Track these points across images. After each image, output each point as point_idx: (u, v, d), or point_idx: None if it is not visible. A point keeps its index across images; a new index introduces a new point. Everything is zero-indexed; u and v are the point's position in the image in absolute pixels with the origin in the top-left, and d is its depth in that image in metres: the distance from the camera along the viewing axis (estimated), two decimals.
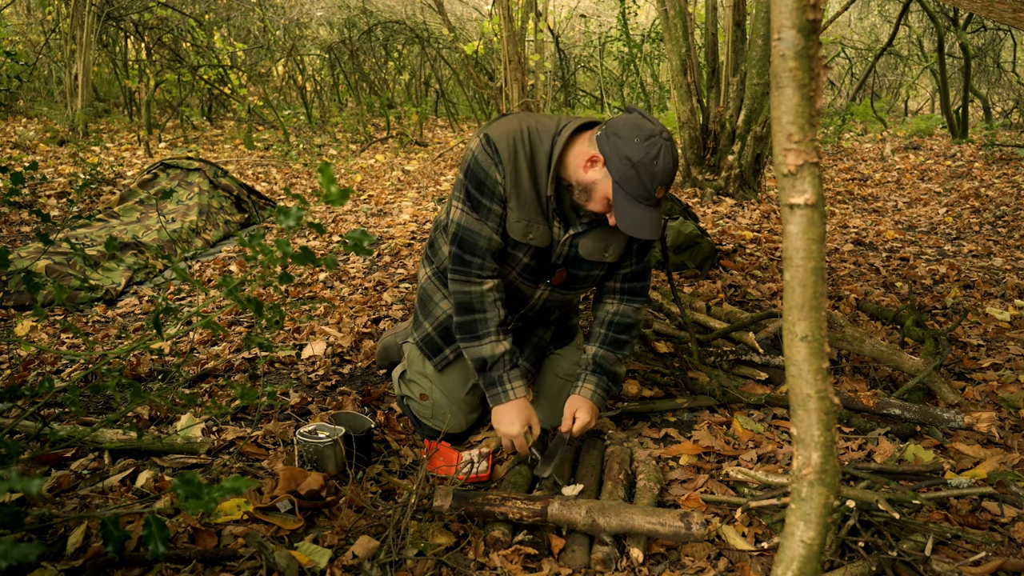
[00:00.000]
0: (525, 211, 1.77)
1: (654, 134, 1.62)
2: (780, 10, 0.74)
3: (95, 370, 1.39)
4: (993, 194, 5.60)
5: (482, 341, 1.81)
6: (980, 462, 1.87)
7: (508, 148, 1.72)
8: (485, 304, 1.81)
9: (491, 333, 1.81)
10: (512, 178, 1.73)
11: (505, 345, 1.82)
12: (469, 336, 1.83)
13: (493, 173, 1.72)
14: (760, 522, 1.64)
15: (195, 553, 1.44)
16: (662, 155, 1.61)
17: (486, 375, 1.82)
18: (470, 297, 1.81)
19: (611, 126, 1.67)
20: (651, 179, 1.61)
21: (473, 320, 1.82)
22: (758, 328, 2.48)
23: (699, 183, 5.36)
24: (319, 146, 7.65)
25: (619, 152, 1.63)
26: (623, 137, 1.63)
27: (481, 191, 1.75)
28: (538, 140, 1.74)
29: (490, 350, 1.81)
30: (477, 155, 1.74)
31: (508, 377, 1.81)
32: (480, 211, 1.76)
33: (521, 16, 6.56)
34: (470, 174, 1.76)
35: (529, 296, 1.95)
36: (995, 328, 2.85)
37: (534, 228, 1.79)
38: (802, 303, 0.82)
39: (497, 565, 1.50)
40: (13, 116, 8.83)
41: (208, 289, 3.15)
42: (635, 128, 1.63)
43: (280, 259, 1.12)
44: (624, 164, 1.62)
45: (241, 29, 9.82)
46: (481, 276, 1.81)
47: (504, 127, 1.75)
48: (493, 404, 1.82)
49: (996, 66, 10.11)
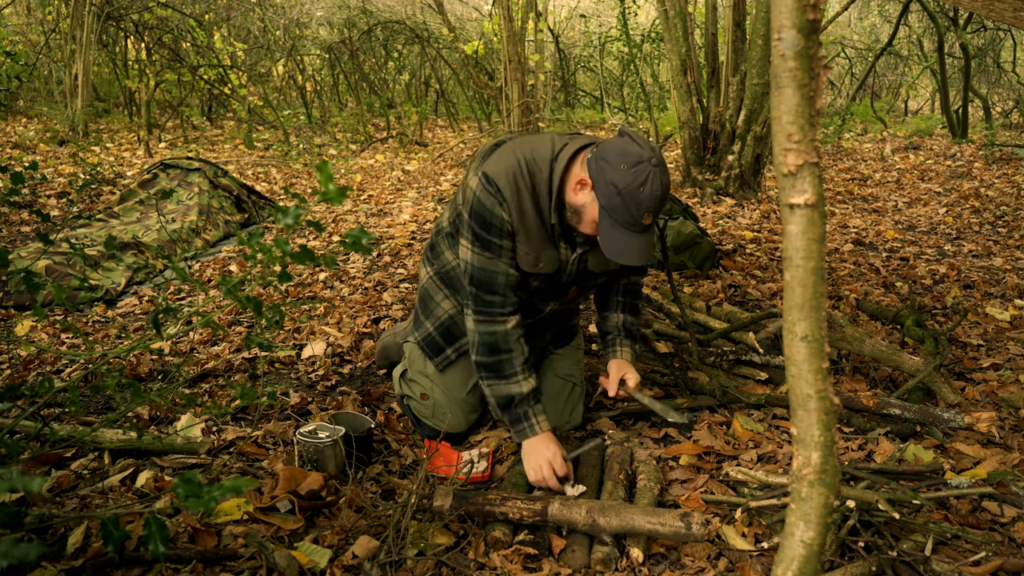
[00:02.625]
0: (533, 244, 1.76)
1: (642, 160, 1.59)
2: (780, 10, 0.74)
3: (95, 370, 1.39)
4: (993, 194, 5.60)
5: (509, 380, 1.81)
6: (980, 462, 1.87)
7: (510, 185, 1.70)
8: (511, 343, 1.81)
9: (518, 372, 1.81)
10: (518, 214, 1.72)
11: (532, 383, 1.82)
12: (495, 375, 1.82)
13: (499, 212, 1.71)
14: (760, 522, 1.64)
15: (195, 553, 1.44)
16: (649, 182, 1.58)
17: (512, 411, 1.81)
18: (495, 338, 1.80)
19: (600, 150, 1.65)
20: (637, 206, 1.59)
21: (500, 360, 1.81)
22: (758, 328, 2.48)
23: (699, 183, 5.36)
24: (319, 146, 7.65)
25: (606, 177, 1.61)
26: (610, 163, 1.61)
27: (489, 231, 1.74)
28: (537, 170, 1.73)
29: (518, 388, 1.80)
30: (479, 195, 1.72)
31: (533, 412, 1.81)
32: (492, 249, 1.75)
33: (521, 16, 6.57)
34: (475, 215, 1.74)
35: (540, 311, 1.97)
36: (995, 328, 2.85)
37: (543, 256, 1.79)
38: (802, 303, 0.82)
39: (497, 565, 1.50)
40: (13, 116, 8.83)
41: (208, 289, 3.15)
42: (623, 154, 1.60)
43: (279, 258, 1.12)
44: (610, 190, 1.60)
45: (241, 29, 9.82)
46: (504, 314, 1.80)
47: (502, 163, 1.72)
48: (519, 439, 1.81)
49: (996, 66, 10.11)
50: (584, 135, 1.81)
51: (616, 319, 1.99)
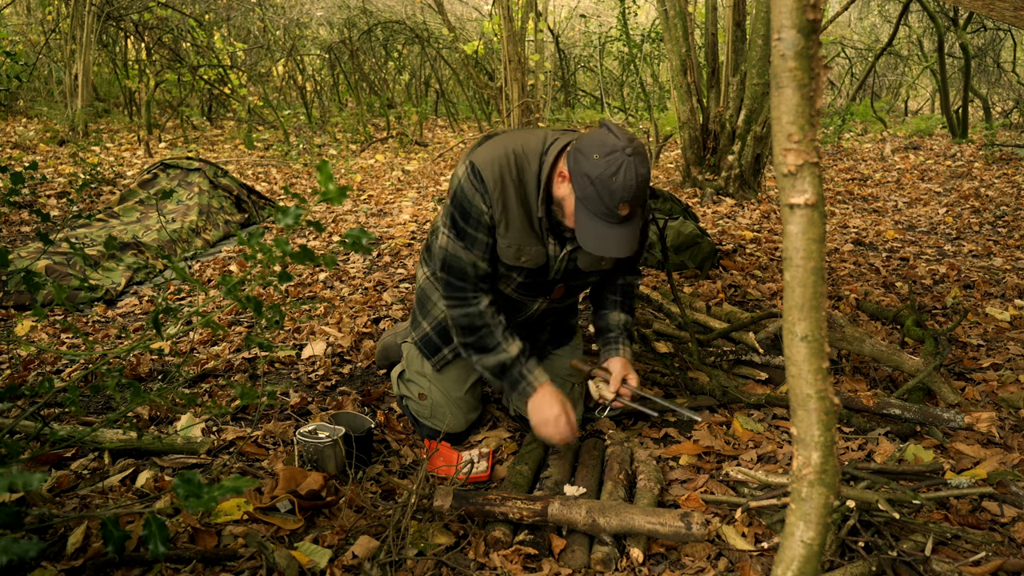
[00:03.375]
0: (516, 236, 1.76)
1: (615, 149, 1.57)
2: (780, 10, 0.74)
3: (95, 370, 1.39)
4: (993, 194, 5.60)
5: (495, 351, 1.82)
6: (980, 462, 1.87)
7: (494, 176, 1.70)
8: (486, 319, 1.82)
9: (500, 341, 1.82)
10: (500, 206, 1.72)
11: (517, 344, 1.83)
12: (480, 350, 1.83)
13: (478, 203, 1.72)
14: (760, 522, 1.64)
15: (195, 553, 1.44)
16: (623, 171, 1.57)
17: (507, 376, 1.82)
18: (470, 318, 1.82)
19: (578, 141, 1.65)
20: (610, 196, 1.58)
21: (480, 336, 1.82)
22: (758, 328, 2.48)
23: (699, 183, 5.36)
24: (319, 146, 7.65)
25: (580, 168, 1.61)
26: (584, 153, 1.60)
27: (467, 220, 1.74)
28: (525, 163, 1.73)
29: (506, 355, 1.81)
30: (463, 183, 1.73)
31: (528, 369, 1.82)
32: (466, 239, 1.76)
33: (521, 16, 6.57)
34: (456, 202, 1.75)
35: (528, 308, 1.96)
36: (995, 328, 2.85)
37: (526, 251, 1.79)
38: (802, 303, 0.82)
39: (497, 565, 1.50)
40: (13, 116, 8.83)
41: (208, 289, 3.15)
42: (598, 144, 1.60)
43: (279, 258, 1.12)
44: (584, 180, 1.60)
45: (241, 29, 9.82)
46: (475, 295, 1.81)
47: (490, 153, 1.72)
48: (522, 400, 1.82)
49: (996, 66, 10.11)
50: (579, 132, 1.81)
51: (617, 318, 2.00)
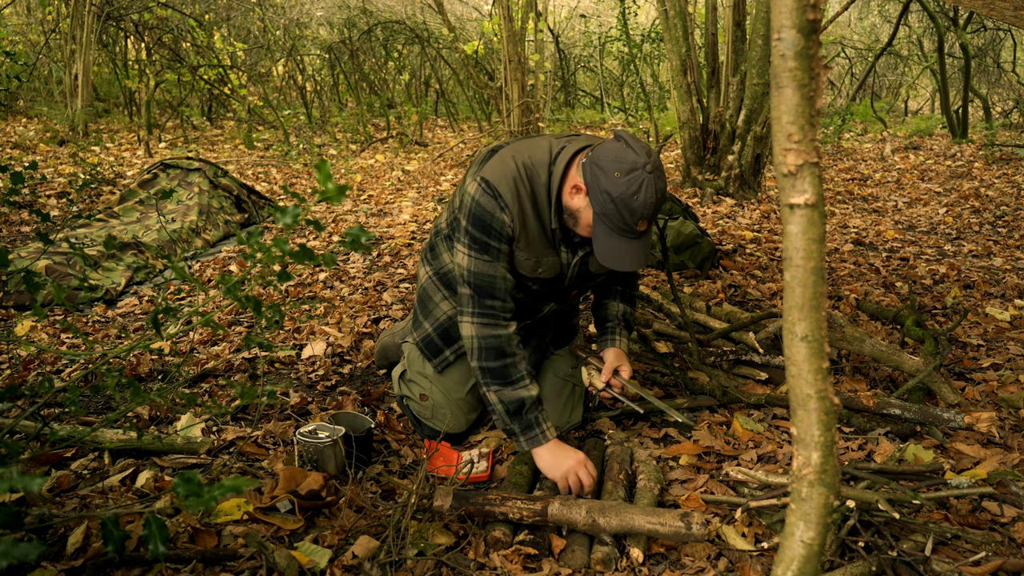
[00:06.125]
0: (534, 249, 1.76)
1: (636, 167, 1.57)
2: (780, 10, 0.74)
3: (95, 370, 1.39)
4: (993, 194, 5.60)
5: (517, 386, 1.79)
6: (980, 462, 1.87)
7: (511, 191, 1.69)
8: (514, 347, 1.80)
9: (524, 376, 1.80)
10: (520, 220, 1.71)
11: (536, 388, 1.81)
12: (502, 381, 1.79)
13: (500, 216, 1.70)
14: (760, 522, 1.64)
15: (195, 553, 1.44)
16: (643, 189, 1.57)
17: (523, 418, 1.79)
18: (500, 341, 1.79)
19: (595, 155, 1.64)
20: (631, 214, 1.59)
21: (505, 365, 1.79)
22: (758, 328, 2.48)
23: (699, 183, 5.36)
24: (319, 146, 7.65)
25: (599, 185, 1.60)
26: (604, 169, 1.60)
27: (488, 234, 1.73)
28: (536, 175, 1.72)
29: (527, 393, 1.79)
30: (479, 200, 1.71)
31: (542, 418, 1.80)
32: (490, 253, 1.74)
33: (521, 16, 6.56)
34: (474, 220, 1.72)
35: (539, 311, 1.97)
36: (995, 328, 2.85)
37: (544, 262, 1.79)
38: (802, 303, 0.82)
39: (497, 565, 1.50)
40: (13, 116, 8.83)
41: (208, 289, 3.14)
42: (617, 160, 1.59)
43: (279, 258, 1.12)
44: (604, 198, 1.59)
45: (241, 29, 9.82)
46: (506, 318, 1.80)
47: (501, 168, 1.72)
48: (531, 446, 1.79)
49: (996, 66, 10.11)
50: (582, 136, 1.80)
51: (616, 308, 2.00)
